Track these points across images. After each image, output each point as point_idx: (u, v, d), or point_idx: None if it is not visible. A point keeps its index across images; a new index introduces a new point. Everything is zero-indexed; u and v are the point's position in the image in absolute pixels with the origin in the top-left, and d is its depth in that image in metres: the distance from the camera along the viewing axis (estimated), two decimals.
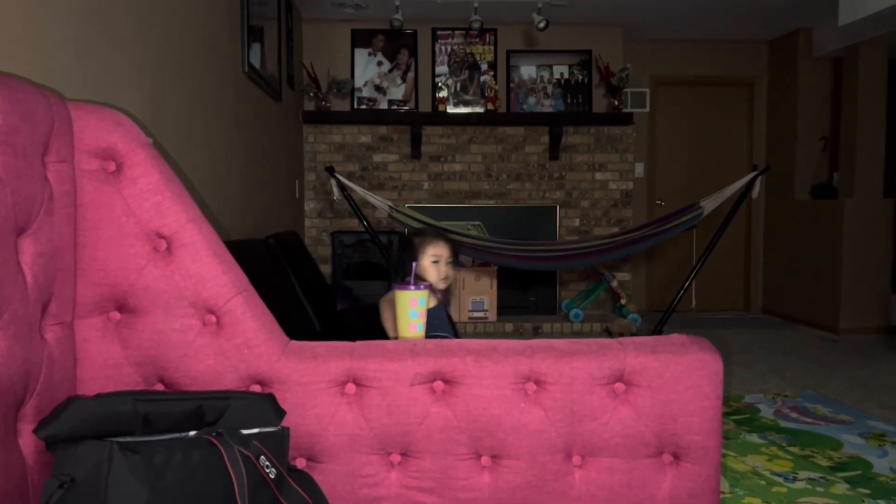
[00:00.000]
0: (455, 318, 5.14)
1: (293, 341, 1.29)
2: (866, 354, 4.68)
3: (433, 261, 2.07)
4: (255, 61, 3.61)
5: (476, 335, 5.07)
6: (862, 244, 5.41)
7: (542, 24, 4.13)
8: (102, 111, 1.17)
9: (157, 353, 1.20)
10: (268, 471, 1.07)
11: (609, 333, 5.09)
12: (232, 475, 1.01)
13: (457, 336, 2.06)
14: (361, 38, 5.67)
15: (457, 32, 5.73)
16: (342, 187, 4.11)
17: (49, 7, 1.62)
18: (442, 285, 2.10)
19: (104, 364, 1.18)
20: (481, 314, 5.23)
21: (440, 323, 1.95)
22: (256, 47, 3.67)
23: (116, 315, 1.19)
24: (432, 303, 1.92)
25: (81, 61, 1.78)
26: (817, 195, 5.92)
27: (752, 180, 4.11)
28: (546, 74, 5.79)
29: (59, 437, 0.95)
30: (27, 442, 1.01)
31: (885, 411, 3.35)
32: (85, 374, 1.17)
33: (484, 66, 5.74)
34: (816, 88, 6.07)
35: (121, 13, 2.02)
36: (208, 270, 1.20)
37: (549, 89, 5.79)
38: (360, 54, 5.67)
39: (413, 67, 5.70)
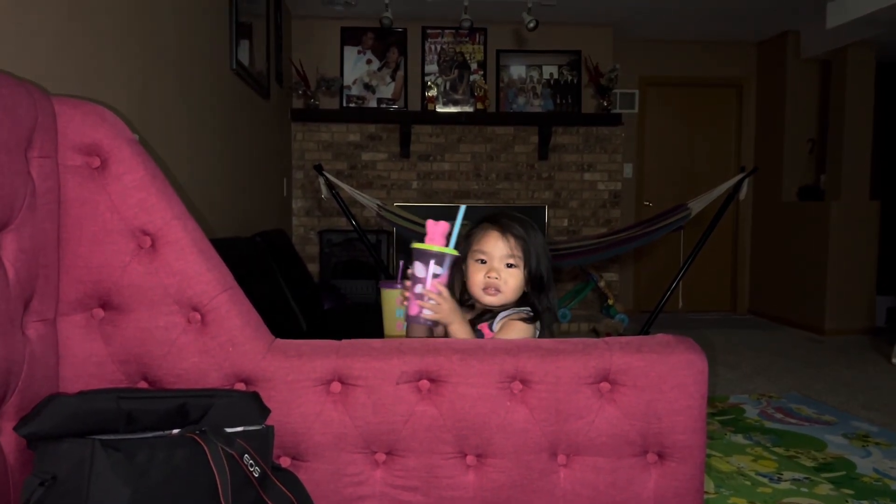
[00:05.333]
0: None
1: (278, 339, 1.28)
2: (851, 355, 4.72)
3: (477, 259, 1.54)
4: (244, 58, 3.60)
5: None
6: (848, 246, 5.45)
7: (531, 24, 4.13)
8: (87, 106, 1.16)
9: (140, 350, 1.19)
10: (252, 469, 1.06)
11: (596, 333, 5.10)
12: (215, 474, 1.00)
13: None
14: (351, 36, 5.66)
15: (447, 31, 5.72)
16: (330, 185, 4.09)
17: (33, 0, 1.60)
18: (487, 298, 1.50)
19: (87, 362, 1.17)
20: None
21: None
22: (245, 44, 3.65)
23: (100, 312, 1.18)
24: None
25: (66, 56, 1.76)
26: (804, 197, 5.96)
27: (740, 182, 4.14)
28: (535, 74, 5.79)
29: (40, 435, 0.95)
30: (8, 440, 1.00)
31: (868, 412, 3.37)
32: (68, 372, 1.16)
33: (473, 66, 5.74)
34: (804, 90, 6.11)
35: (107, 7, 2.01)
36: (193, 268, 1.19)
37: (539, 89, 5.79)
38: (350, 52, 5.66)
39: (402, 66, 5.69)
